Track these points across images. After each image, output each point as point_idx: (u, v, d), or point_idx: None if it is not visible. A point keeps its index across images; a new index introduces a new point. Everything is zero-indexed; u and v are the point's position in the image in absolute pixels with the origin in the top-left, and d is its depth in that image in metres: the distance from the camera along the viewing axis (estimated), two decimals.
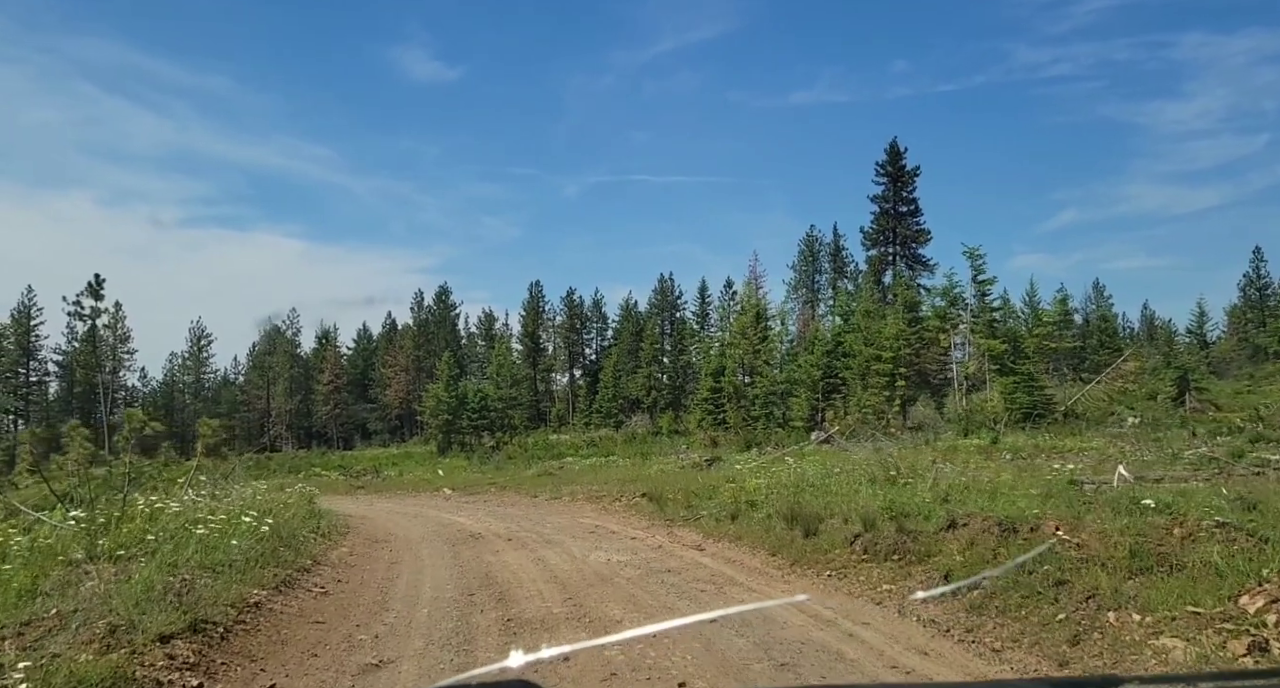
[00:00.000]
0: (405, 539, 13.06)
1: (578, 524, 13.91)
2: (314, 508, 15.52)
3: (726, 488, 13.50)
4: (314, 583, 8.06)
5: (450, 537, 13.15)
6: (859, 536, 7.98)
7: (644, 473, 26.16)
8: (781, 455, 27.34)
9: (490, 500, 21.25)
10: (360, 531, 14.16)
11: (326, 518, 14.76)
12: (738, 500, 11.96)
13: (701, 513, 12.29)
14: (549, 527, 13.71)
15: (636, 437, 46.17)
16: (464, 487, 26.29)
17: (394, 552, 11.27)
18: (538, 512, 16.99)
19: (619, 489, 19.65)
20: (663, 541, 11.08)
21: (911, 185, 57.50)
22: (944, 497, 8.72)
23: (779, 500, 10.79)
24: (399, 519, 16.93)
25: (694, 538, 11.03)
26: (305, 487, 17.64)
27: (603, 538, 11.75)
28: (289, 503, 13.12)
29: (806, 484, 11.66)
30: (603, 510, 16.09)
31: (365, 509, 20.27)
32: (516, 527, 13.97)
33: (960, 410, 38.21)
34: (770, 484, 12.60)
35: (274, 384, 68.73)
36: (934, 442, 25.63)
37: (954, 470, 11.13)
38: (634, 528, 12.73)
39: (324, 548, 10.30)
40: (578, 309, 68.95)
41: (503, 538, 12.44)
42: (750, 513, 10.93)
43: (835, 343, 42.73)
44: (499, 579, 8.63)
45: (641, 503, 15.35)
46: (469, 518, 16.26)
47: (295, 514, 11.86)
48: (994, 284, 39.02)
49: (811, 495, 10.92)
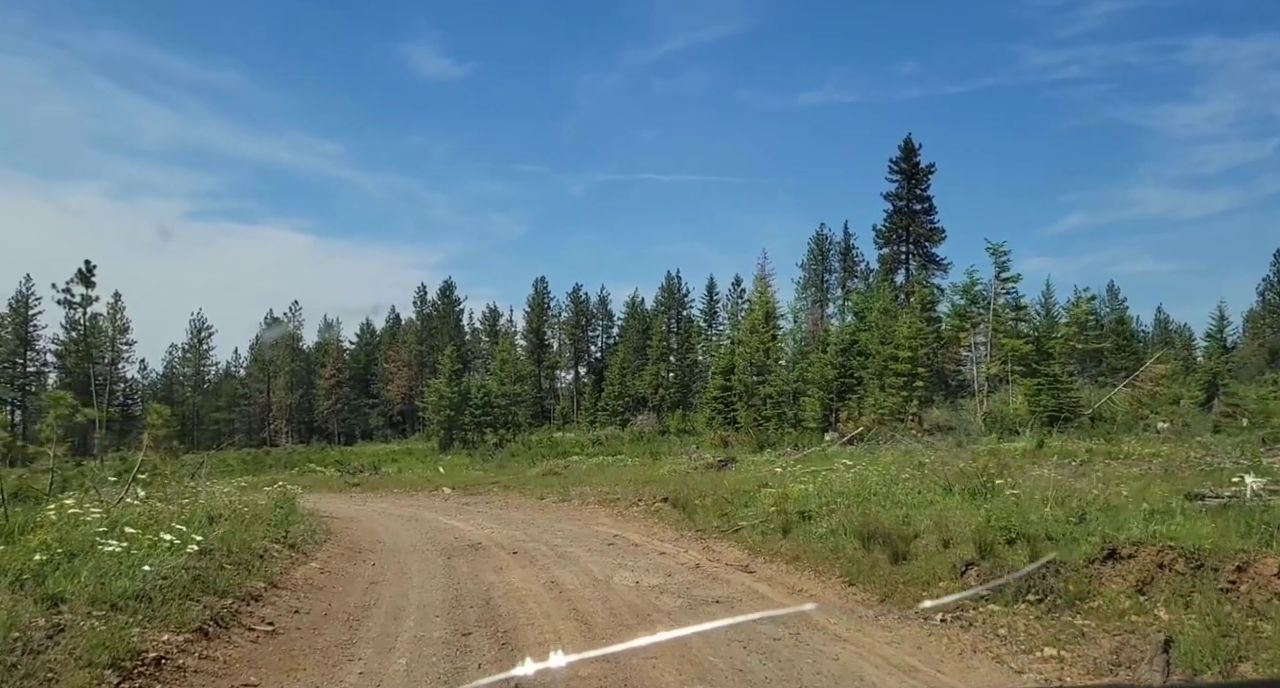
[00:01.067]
0: (394, 549, 11.08)
1: (592, 533, 11.93)
2: (291, 511, 13.55)
3: (766, 495, 11.50)
4: (261, 617, 6.08)
5: (446, 546, 11.18)
6: (972, 564, 5.99)
7: (656, 474, 24.22)
8: (803, 457, 25.32)
9: (493, 502, 19.27)
10: (343, 537, 12.18)
11: (305, 522, 12.78)
12: (783, 510, 9.96)
13: (740, 524, 10.29)
14: (560, 536, 11.73)
15: (644, 436, 44.16)
16: (465, 486, 24.30)
17: (377, 567, 9.30)
18: (545, 516, 15.01)
19: (634, 492, 17.68)
20: (698, 557, 9.09)
21: (926, 183, 55.56)
22: (1079, 515, 6.73)
23: (842, 512, 8.80)
24: (391, 523, 14.96)
25: (736, 555, 9.04)
26: (286, 486, 15.64)
27: (625, 552, 9.77)
28: (258, 506, 11.16)
29: (869, 492, 9.67)
30: (619, 516, 14.10)
31: (356, 510, 18.30)
32: (522, 535, 11.99)
33: (981, 413, 36.19)
34: (820, 491, 10.60)
35: (275, 378, 66.74)
36: (968, 443, 23.62)
37: (1045, 478, 9.17)
38: (660, 539, 10.74)
39: (288, 564, 8.31)
40: (583, 306, 66.92)
41: (506, 550, 10.46)
42: (805, 527, 8.94)
43: (850, 342, 40.68)
44: (503, 612, 6.65)
45: (664, 509, 13.36)
46: (469, 523, 14.28)
47: (261, 520, 9.89)
48: (1018, 281, 36.95)
49: (878, 506, 8.93)
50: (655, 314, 66.02)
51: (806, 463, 24.67)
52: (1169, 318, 69.78)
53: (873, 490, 9.75)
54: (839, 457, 25.18)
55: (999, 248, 37.06)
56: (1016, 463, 14.89)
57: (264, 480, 31.54)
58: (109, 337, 61.71)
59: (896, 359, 38.11)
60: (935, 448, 23.20)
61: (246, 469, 41.35)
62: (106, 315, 61.09)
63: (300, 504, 15.80)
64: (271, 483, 27.64)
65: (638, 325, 65.21)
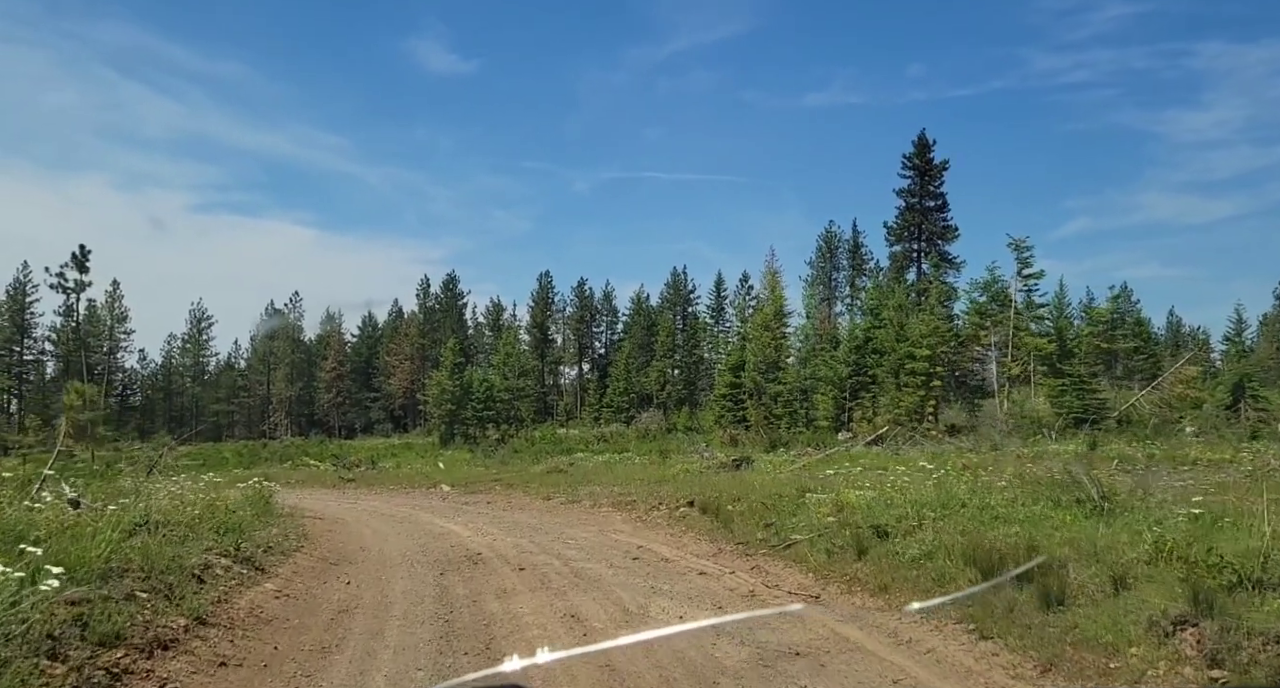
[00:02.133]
0: (378, 560, 9.20)
1: (611, 543, 10.04)
2: (265, 510, 11.66)
3: (815, 502, 9.59)
4: (161, 679, 4.20)
5: (440, 557, 9.30)
6: (1184, 623, 4.07)
7: (667, 473, 22.35)
8: (825, 457, 23.41)
9: (495, 502, 17.36)
10: (321, 544, 10.28)
11: (278, 525, 10.88)
12: (847, 522, 8.06)
13: (793, 537, 8.39)
14: (573, 546, 9.83)
15: (650, 433, 42.25)
16: (465, 483, 22.42)
17: (353, 587, 7.40)
18: (554, 520, 13.11)
19: (649, 493, 15.81)
20: (750, 581, 7.18)
21: (940, 179, 53.50)
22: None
23: (932, 528, 6.89)
24: (381, 525, 13.07)
25: (798, 580, 7.14)
26: (263, 481, 13.74)
27: (656, 571, 7.88)
28: (217, 507, 9.28)
29: (956, 502, 7.75)
30: (638, 522, 12.19)
31: (346, 508, 16.41)
32: (530, 544, 10.09)
33: (1001, 414, 34.28)
34: (886, 498, 8.69)
35: (274, 370, 64.81)
36: (1002, 444, 21.71)
37: (1172, 488, 7.30)
38: (694, 554, 8.84)
39: (234, 587, 6.40)
40: (588, 301, 64.99)
41: (512, 564, 8.57)
42: (885, 546, 7.03)
43: (865, 339, 38.75)
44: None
45: (692, 515, 11.45)
46: (468, 527, 12.39)
47: (214, 525, 8.01)
48: (1041, 278, 35.00)
49: (974, 520, 7.03)
50: (661, 310, 64.17)
51: (829, 464, 22.79)
52: (1180, 321, 67.81)
53: (960, 500, 7.83)
54: (862, 457, 23.33)
55: (1021, 243, 35.16)
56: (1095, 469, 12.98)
57: (253, 474, 29.68)
58: (107, 325, 59.83)
59: (913, 357, 36.22)
60: (977, 450, 21.31)
61: (240, 462, 39.47)
62: (105, 304, 59.24)
63: (279, 503, 13.93)
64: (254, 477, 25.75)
65: (642, 322, 63.33)
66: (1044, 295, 35.02)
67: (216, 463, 41.16)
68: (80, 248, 39.32)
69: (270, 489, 13.18)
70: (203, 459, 43.39)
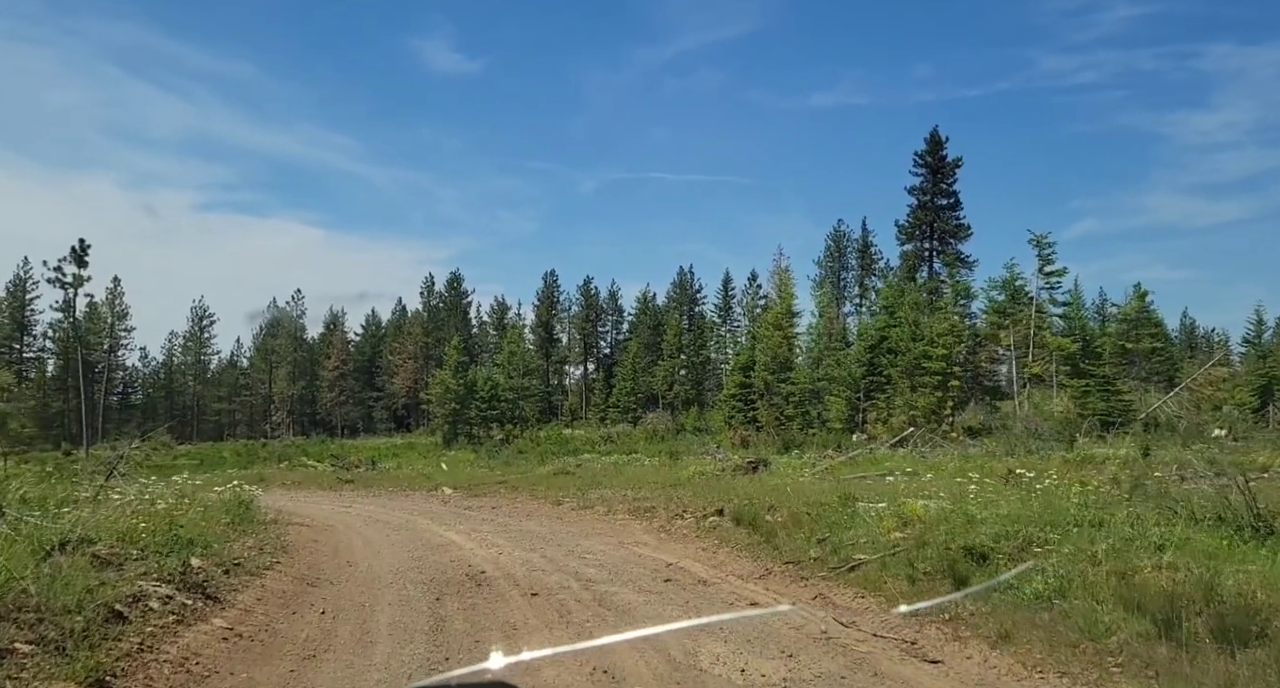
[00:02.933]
0: (364, 580, 7.74)
1: (635, 559, 8.58)
2: (243, 515, 10.23)
3: (874, 513, 8.11)
4: None
5: (437, 576, 7.85)
6: None
7: (681, 475, 20.92)
8: (848, 459, 21.92)
9: (500, 507, 15.90)
10: (301, 558, 8.84)
11: (254, 536, 9.44)
12: (925, 540, 6.58)
13: (857, 557, 6.92)
14: (591, 563, 8.38)
15: (658, 434, 40.79)
16: (468, 485, 20.96)
17: (326, 620, 5.95)
18: (566, 530, 11.64)
19: (667, 498, 14.37)
20: (818, 618, 5.71)
21: (952, 177, 52.07)
22: None
23: (1062, 558, 5.41)
24: (374, 533, 11.62)
25: (878, 616, 5.67)
26: (241, 485, 12.29)
27: (696, 599, 6.42)
28: (175, 518, 7.83)
29: (1063, 520, 6.25)
30: (661, 532, 10.71)
31: (338, 513, 14.96)
32: (541, 560, 8.64)
33: (1021, 416, 32.77)
34: (963, 512, 7.21)
35: (276, 368, 63.35)
36: (1038, 448, 20.22)
37: None
38: (736, 575, 7.37)
39: (168, 625, 4.92)
40: (594, 300, 63.48)
41: (522, 588, 7.11)
42: (984, 574, 5.56)
43: (880, 338, 37.22)
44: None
45: (724, 527, 9.96)
46: (471, 536, 10.92)
47: (165, 540, 6.56)
48: (1063, 276, 33.50)
49: (1101, 544, 5.56)
50: (667, 310, 62.72)
51: (853, 467, 21.32)
52: (1195, 322, 66.21)
53: (1070, 516, 6.34)
54: (886, 460, 21.86)
55: (1043, 240, 33.69)
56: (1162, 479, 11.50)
57: (247, 475, 28.22)
58: (108, 323, 58.45)
59: (929, 357, 34.75)
60: (1012, 452, 19.83)
61: (239, 462, 38.06)
62: (105, 301, 57.88)
63: (266, 507, 12.50)
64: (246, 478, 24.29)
65: (648, 321, 61.85)
66: (1065, 294, 33.46)
67: (214, 462, 39.77)
68: (79, 242, 37.97)
69: (251, 494, 11.72)
70: (200, 459, 42.03)
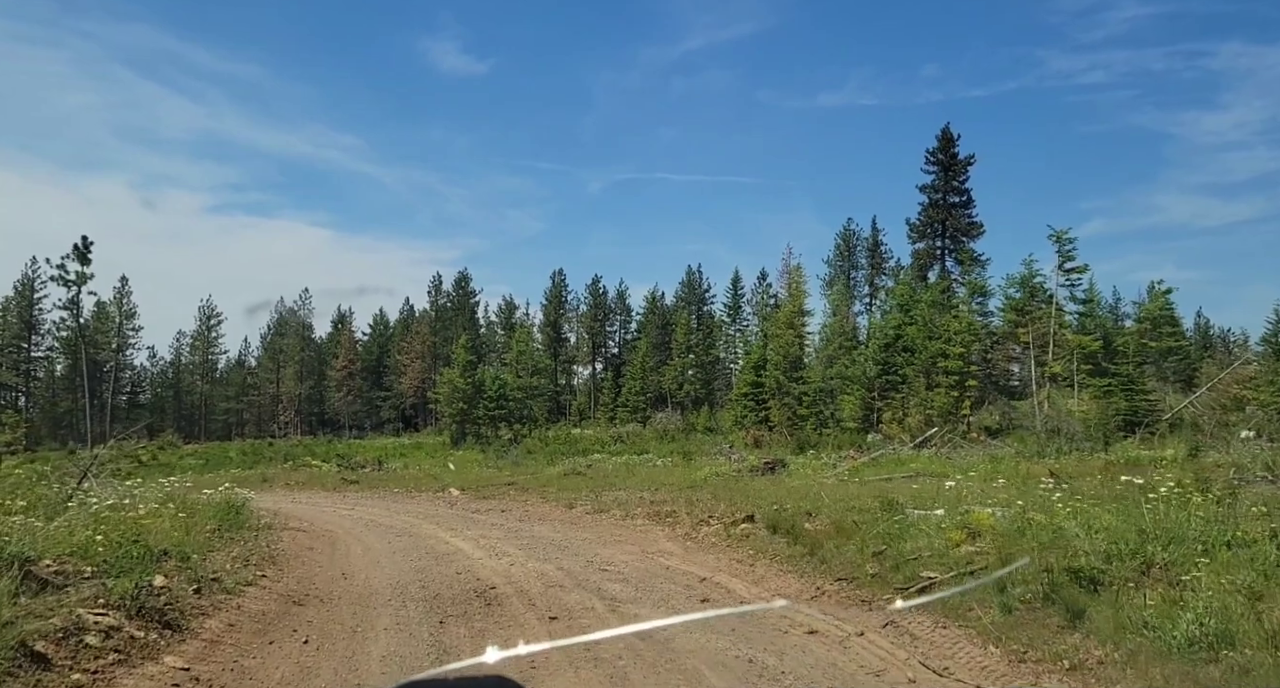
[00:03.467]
0: (360, 598, 6.79)
1: (662, 572, 7.61)
2: (233, 517, 9.30)
3: (932, 522, 7.11)
4: None
5: (442, 591, 6.90)
6: None
7: (695, 477, 20.00)
8: (871, 460, 20.92)
9: (510, 510, 14.93)
10: (291, 570, 7.89)
11: (240, 545, 8.50)
12: (1006, 556, 5.58)
13: (925, 575, 5.92)
14: (614, 577, 7.41)
15: (669, 433, 39.81)
16: (476, 486, 20.03)
17: (309, 651, 5.00)
18: (581, 536, 10.67)
19: (686, 501, 13.40)
20: (898, 659, 4.71)
21: (964, 174, 50.94)
22: None
23: (1208, 588, 4.41)
24: (375, 540, 10.67)
25: (974, 656, 4.66)
26: (232, 488, 11.36)
27: (747, 627, 5.45)
28: (139, 525, 6.90)
29: (1186, 535, 5.24)
30: (687, 540, 9.73)
31: (340, 517, 14.03)
32: (558, 573, 7.68)
33: (1041, 416, 31.70)
34: (1049, 525, 6.21)
35: (284, 368, 62.50)
36: (1074, 450, 19.16)
37: None
38: (782, 595, 6.39)
39: (106, 665, 3.96)
40: (602, 299, 62.50)
41: (538, 609, 6.15)
42: (1101, 604, 4.57)
43: (894, 336, 36.16)
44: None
45: (758, 535, 8.97)
46: (480, 544, 9.97)
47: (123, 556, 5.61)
48: (1084, 273, 32.34)
49: (1244, 568, 4.57)
50: (676, 309, 61.71)
51: (877, 468, 20.30)
52: (1209, 322, 64.86)
53: (1195, 532, 5.34)
54: (911, 461, 20.84)
55: (1063, 235, 32.51)
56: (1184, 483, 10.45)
57: (251, 475, 27.36)
58: (115, 322, 57.74)
59: (945, 356, 33.70)
60: (1043, 453, 18.80)
61: (244, 462, 37.24)
62: (113, 300, 57.18)
63: (262, 510, 11.58)
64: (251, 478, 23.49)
65: (657, 321, 60.85)
66: (1085, 291, 32.26)
67: (219, 462, 38.97)
68: (82, 239, 37.11)
69: (243, 496, 10.78)
70: (205, 458, 41.24)
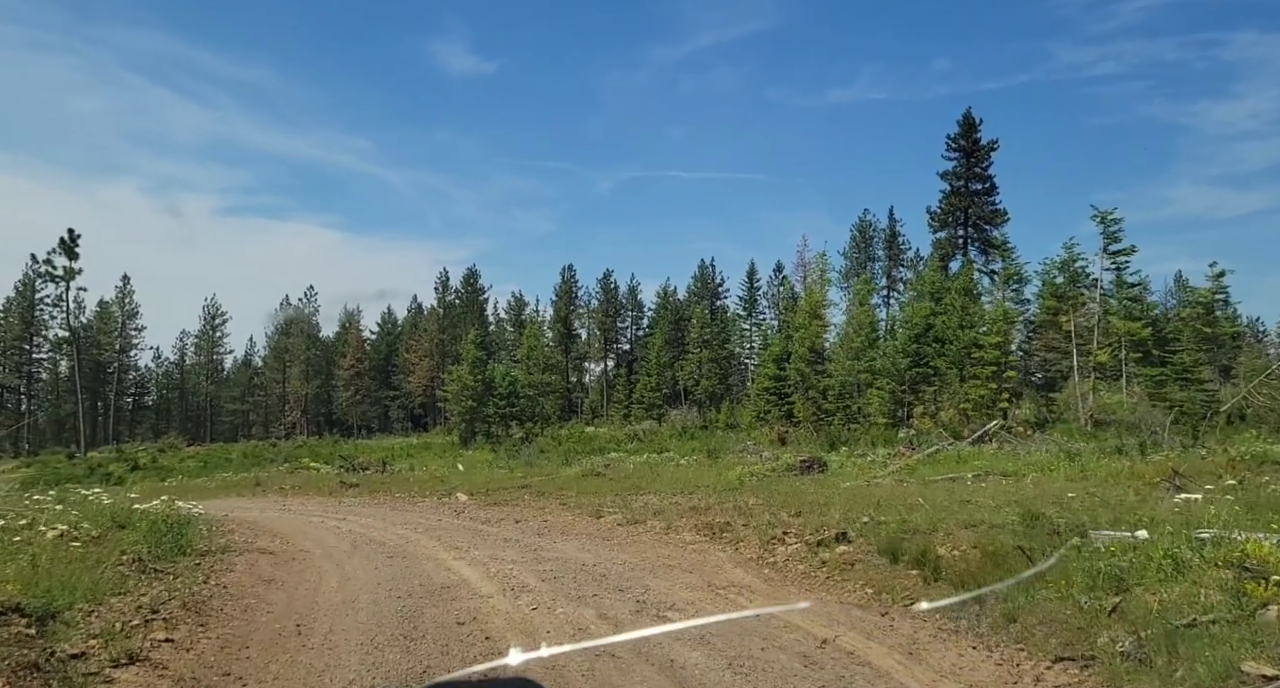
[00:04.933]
0: (315, 669, 4.37)
1: (757, 629, 5.14)
2: (142, 554, 6.87)
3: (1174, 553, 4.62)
4: None
5: (435, 654, 4.48)
6: None
7: (727, 477, 17.59)
8: (926, 458, 18.37)
9: (526, 520, 12.44)
10: (221, 621, 5.43)
11: (167, 579, 6.08)
12: None
13: (1251, 672, 3.45)
14: (688, 639, 4.93)
15: (687, 430, 37.33)
16: (486, 490, 17.57)
17: None
18: (619, 558, 8.19)
19: (735, 508, 11.04)
20: None
21: (987, 160, 48.39)
22: None
23: None
24: (358, 565, 8.24)
25: None
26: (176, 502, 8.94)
27: None
28: None
29: None
30: (764, 567, 7.24)
31: (327, 529, 11.60)
32: (599, 624, 5.22)
33: (1086, 409, 29.09)
34: None
35: (290, 367, 60.16)
36: (1165, 446, 16.57)
37: None
38: (968, 683, 3.95)
39: None
40: (613, 295, 59.98)
41: None
42: None
43: (925, 326, 33.56)
44: None
45: (866, 562, 6.47)
46: (489, 572, 7.52)
47: None
48: (1132, 255, 29.64)
49: None
50: (688, 304, 59.21)
51: (934, 466, 17.77)
52: (1236, 312, 61.82)
53: None
54: (973, 458, 18.29)
55: (1108, 215, 29.89)
56: None
57: (243, 480, 25.00)
58: (118, 322, 55.54)
59: (980, 346, 31.14)
60: (1124, 449, 16.22)
61: (245, 464, 34.91)
62: (115, 300, 54.98)
63: (224, 525, 9.19)
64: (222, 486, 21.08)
65: (669, 316, 58.33)
66: (1135, 274, 29.54)
67: (219, 464, 36.63)
68: (69, 232, 34.85)
69: (188, 512, 8.35)
70: (204, 461, 38.91)
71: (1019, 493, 10.70)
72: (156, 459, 42.15)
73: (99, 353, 56.20)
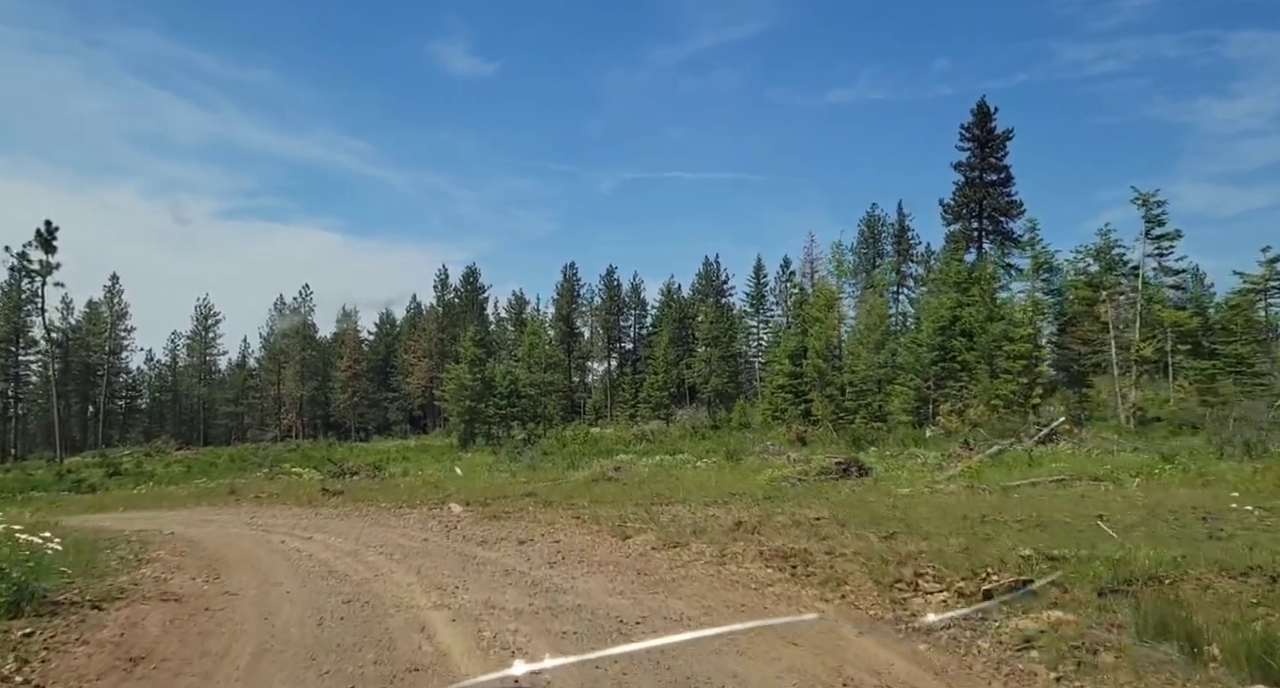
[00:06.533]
0: None
1: None
2: None
3: None
4: None
5: None
6: None
7: (756, 482, 15.03)
8: (991, 459, 15.75)
9: (532, 540, 9.74)
10: None
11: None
12: None
13: None
14: None
15: (698, 430, 34.70)
16: (484, 498, 14.82)
17: None
18: (670, 608, 5.57)
19: (787, 519, 8.47)
20: None
21: (1002, 150, 45.83)
22: None
23: None
24: (292, 618, 5.61)
25: None
26: (35, 531, 6.29)
27: None
28: None
29: None
30: (907, 635, 4.65)
31: (286, 551, 8.97)
32: None
33: (1128, 405, 26.52)
34: None
35: (284, 368, 57.40)
36: (1266, 443, 14.04)
37: None
38: None
39: None
40: (616, 292, 57.37)
41: None
42: None
43: (951, 319, 31.03)
44: None
45: (1114, 650, 3.90)
46: (478, 640, 4.89)
47: None
48: (1177, 240, 27.10)
49: None
50: (693, 301, 56.62)
51: (1004, 470, 15.17)
52: None
53: None
54: (1050, 459, 15.71)
55: (1150, 197, 27.36)
56: None
57: (218, 487, 22.37)
58: (107, 323, 52.82)
59: (1010, 339, 28.62)
60: (1229, 451, 13.66)
61: (231, 469, 32.22)
62: (104, 300, 52.28)
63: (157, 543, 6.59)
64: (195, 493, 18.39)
65: (674, 314, 55.72)
66: (1181, 260, 27.03)
67: (203, 469, 33.90)
68: (45, 224, 32.21)
69: (46, 545, 5.73)
70: (189, 466, 36.18)
71: (1163, 505, 8.10)
72: (141, 464, 39.45)
73: (88, 354, 53.49)
